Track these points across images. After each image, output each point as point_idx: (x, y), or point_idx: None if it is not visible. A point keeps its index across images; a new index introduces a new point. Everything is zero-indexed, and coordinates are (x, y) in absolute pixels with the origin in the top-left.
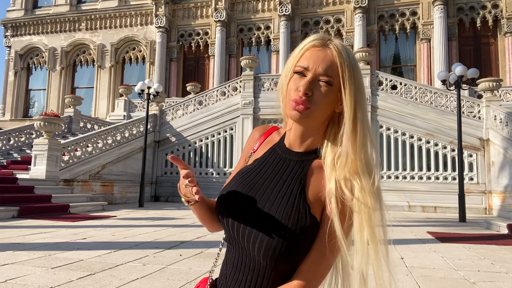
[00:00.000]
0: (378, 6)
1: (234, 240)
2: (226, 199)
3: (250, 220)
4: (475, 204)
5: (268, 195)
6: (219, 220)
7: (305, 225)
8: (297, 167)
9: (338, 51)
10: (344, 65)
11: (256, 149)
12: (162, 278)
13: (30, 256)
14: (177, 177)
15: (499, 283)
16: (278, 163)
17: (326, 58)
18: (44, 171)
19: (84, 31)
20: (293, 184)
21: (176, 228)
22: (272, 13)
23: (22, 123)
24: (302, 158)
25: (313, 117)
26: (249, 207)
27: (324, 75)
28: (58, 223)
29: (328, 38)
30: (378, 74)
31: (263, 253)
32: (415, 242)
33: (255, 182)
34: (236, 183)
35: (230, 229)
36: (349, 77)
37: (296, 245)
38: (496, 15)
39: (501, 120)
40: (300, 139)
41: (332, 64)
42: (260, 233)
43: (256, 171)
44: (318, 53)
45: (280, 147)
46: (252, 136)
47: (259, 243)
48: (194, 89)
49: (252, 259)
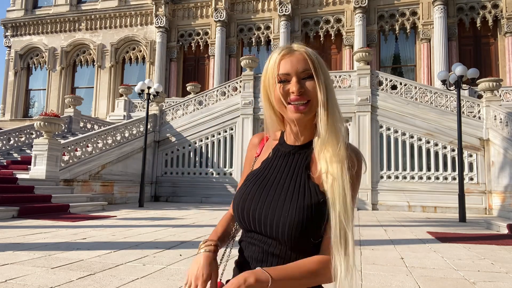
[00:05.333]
0: (378, 6)
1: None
2: (244, 199)
3: (271, 209)
4: (475, 204)
5: (281, 186)
6: (239, 221)
7: (318, 201)
8: (301, 157)
9: (303, 50)
10: (313, 57)
11: (259, 153)
12: (162, 278)
13: (30, 256)
14: (177, 177)
15: (499, 283)
16: (284, 158)
17: (298, 59)
18: (44, 171)
19: (84, 31)
20: (301, 171)
21: (176, 228)
22: (272, 13)
23: (22, 123)
24: (303, 149)
25: (312, 110)
26: (266, 199)
27: (304, 71)
28: (58, 223)
29: (290, 46)
30: (378, 74)
31: (287, 232)
32: (415, 242)
33: (268, 178)
34: (250, 183)
35: (252, 223)
36: (319, 67)
37: (314, 220)
38: (496, 15)
39: (501, 120)
40: (300, 134)
41: (305, 61)
42: (281, 216)
43: (266, 170)
44: (290, 59)
45: (282, 145)
46: (252, 143)
47: (282, 225)
48: (194, 89)
49: (276, 245)
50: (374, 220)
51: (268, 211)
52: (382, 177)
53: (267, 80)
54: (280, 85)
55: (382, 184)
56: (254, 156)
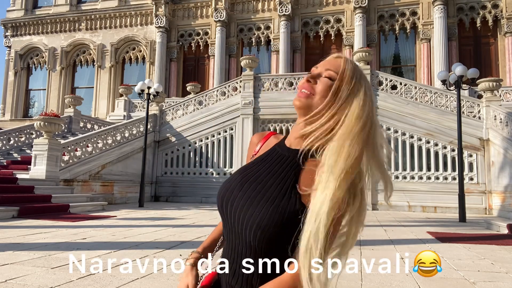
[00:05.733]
0: (378, 6)
1: (230, 229)
2: (226, 189)
3: (246, 205)
4: (475, 204)
5: (264, 184)
6: (219, 211)
7: (294, 209)
8: (293, 162)
9: (346, 60)
10: (347, 67)
11: (257, 151)
12: (162, 278)
13: (30, 256)
14: (177, 177)
15: (499, 283)
16: (277, 159)
17: (334, 61)
18: (44, 171)
19: (84, 31)
20: (288, 176)
21: (176, 228)
22: (272, 13)
23: (22, 123)
24: (299, 155)
25: (311, 103)
26: (245, 194)
27: (328, 70)
28: (58, 223)
29: (341, 54)
30: (378, 74)
31: (253, 233)
32: (415, 242)
33: (252, 174)
34: (235, 175)
35: (228, 215)
36: (348, 81)
37: (285, 228)
38: (496, 15)
39: (501, 120)
40: (300, 138)
41: (336, 64)
42: (253, 215)
43: (255, 165)
44: (330, 59)
45: (281, 146)
46: (252, 142)
47: (251, 224)
48: (194, 89)
49: (248, 246)
50: (374, 220)
51: (243, 207)
52: None
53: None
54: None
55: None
56: (252, 154)
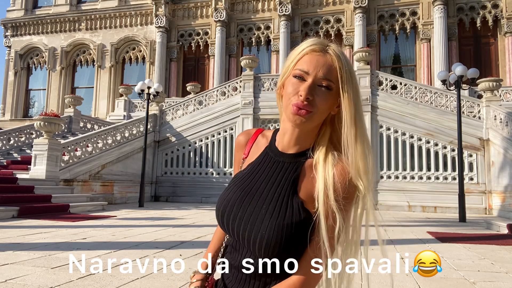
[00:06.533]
0: (378, 6)
1: (237, 242)
2: (225, 206)
3: (250, 222)
4: (475, 204)
5: (264, 197)
6: (221, 226)
7: (299, 219)
8: (290, 169)
9: (337, 55)
10: (343, 69)
11: (247, 155)
12: (162, 278)
13: (30, 256)
14: (177, 177)
15: (499, 283)
16: (272, 166)
17: (326, 63)
18: (44, 171)
19: (84, 31)
20: (287, 185)
21: (176, 228)
22: (272, 13)
23: (22, 123)
24: (295, 159)
25: (313, 120)
26: (247, 210)
27: (324, 80)
28: (58, 223)
29: (327, 44)
30: (378, 74)
31: (264, 251)
32: (415, 242)
33: (251, 186)
34: (233, 188)
35: (231, 232)
36: (348, 81)
37: (294, 239)
38: (496, 15)
39: (501, 120)
40: (294, 142)
41: (331, 69)
42: (259, 233)
43: (251, 176)
44: (318, 57)
45: (272, 150)
46: (238, 143)
47: (259, 242)
48: (194, 89)
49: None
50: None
51: (247, 225)
52: (382, 177)
53: (287, 66)
54: (294, 80)
55: (382, 184)
56: (242, 158)
